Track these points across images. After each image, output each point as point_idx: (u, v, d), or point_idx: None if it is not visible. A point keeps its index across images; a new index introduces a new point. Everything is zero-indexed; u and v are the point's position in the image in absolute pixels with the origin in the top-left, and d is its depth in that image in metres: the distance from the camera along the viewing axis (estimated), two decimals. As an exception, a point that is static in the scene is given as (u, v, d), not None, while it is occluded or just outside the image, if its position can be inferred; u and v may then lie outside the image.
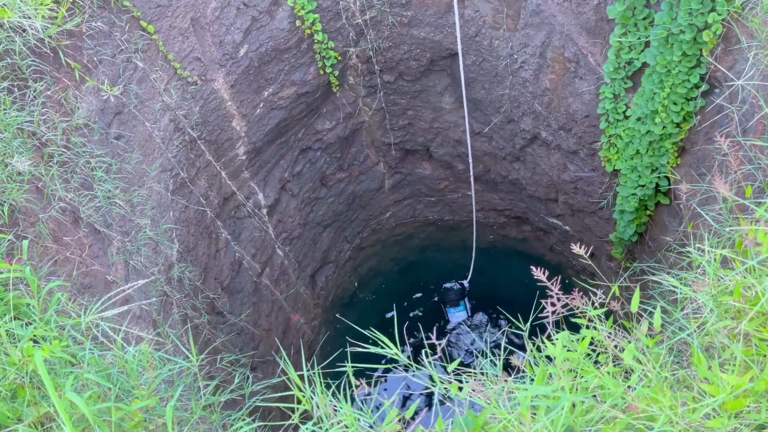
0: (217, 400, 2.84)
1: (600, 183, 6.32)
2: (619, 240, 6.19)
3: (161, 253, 4.86)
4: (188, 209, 5.50)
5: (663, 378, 1.99)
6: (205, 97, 5.49)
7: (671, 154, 5.07)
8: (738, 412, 1.86)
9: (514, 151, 7.07)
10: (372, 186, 8.35)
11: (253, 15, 5.50)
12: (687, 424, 1.82)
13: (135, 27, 4.66)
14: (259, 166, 6.63)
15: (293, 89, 6.27)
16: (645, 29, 4.82)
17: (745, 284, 2.08)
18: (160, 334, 4.27)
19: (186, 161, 5.45)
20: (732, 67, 4.07)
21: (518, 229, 8.87)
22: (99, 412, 2.23)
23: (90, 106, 4.21)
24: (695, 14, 4.18)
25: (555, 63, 5.74)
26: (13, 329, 2.38)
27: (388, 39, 6.33)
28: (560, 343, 2.00)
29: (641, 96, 5.03)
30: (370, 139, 7.76)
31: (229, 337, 5.94)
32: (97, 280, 3.87)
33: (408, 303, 9.35)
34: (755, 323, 2.02)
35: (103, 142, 4.35)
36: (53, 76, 3.96)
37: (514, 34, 5.79)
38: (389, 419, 2.03)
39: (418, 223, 9.39)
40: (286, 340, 7.61)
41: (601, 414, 1.86)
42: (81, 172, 3.99)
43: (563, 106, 5.94)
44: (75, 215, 3.89)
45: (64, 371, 2.40)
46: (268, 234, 7.07)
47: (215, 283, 6.00)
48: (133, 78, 4.70)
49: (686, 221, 4.39)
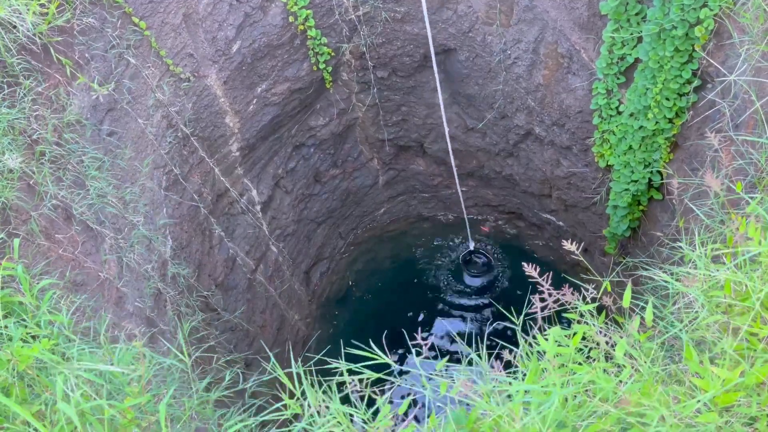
0: (210, 398, 2.84)
1: (593, 178, 6.33)
2: (613, 235, 6.21)
3: (154, 250, 4.85)
4: (181, 206, 5.48)
5: (654, 373, 1.99)
6: (198, 93, 5.47)
7: (664, 150, 5.08)
8: (729, 406, 1.87)
9: (507, 146, 7.07)
10: (366, 182, 8.34)
11: (246, 11, 5.48)
12: (678, 419, 1.83)
13: (127, 23, 4.63)
14: (252, 163, 6.61)
15: (286, 85, 6.25)
16: (637, 25, 4.82)
17: (736, 279, 2.09)
18: (153, 332, 4.26)
19: (179, 158, 5.43)
20: (724, 63, 4.08)
21: (512, 224, 8.88)
22: (91, 409, 2.22)
23: (81, 102, 4.19)
24: (687, 10, 4.18)
25: (548, 59, 5.74)
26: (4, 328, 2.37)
27: (381, 35, 6.31)
28: (552, 339, 2.01)
29: (634, 91, 5.04)
30: (364, 135, 7.75)
31: (224, 334, 5.93)
32: (89, 277, 3.86)
33: (402, 299, 9.35)
34: (746, 318, 2.03)
35: (95, 138, 4.33)
36: (44, 72, 3.94)
37: (507, 29, 5.79)
38: (382, 416, 2.03)
39: (412, 219, 9.39)
40: (280, 337, 7.60)
41: (592, 409, 1.87)
42: (73, 169, 3.97)
43: (556, 101, 5.94)
44: (67, 213, 3.87)
45: (55, 369, 2.39)
46: (262, 230, 7.06)
47: (209, 280, 5.99)
48: (125, 74, 4.67)
49: (678, 216, 4.41)
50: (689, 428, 1.81)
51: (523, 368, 2.08)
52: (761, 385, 1.90)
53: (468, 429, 2.00)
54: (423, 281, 9.40)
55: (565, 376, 1.95)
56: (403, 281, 9.43)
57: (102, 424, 2.19)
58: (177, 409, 2.85)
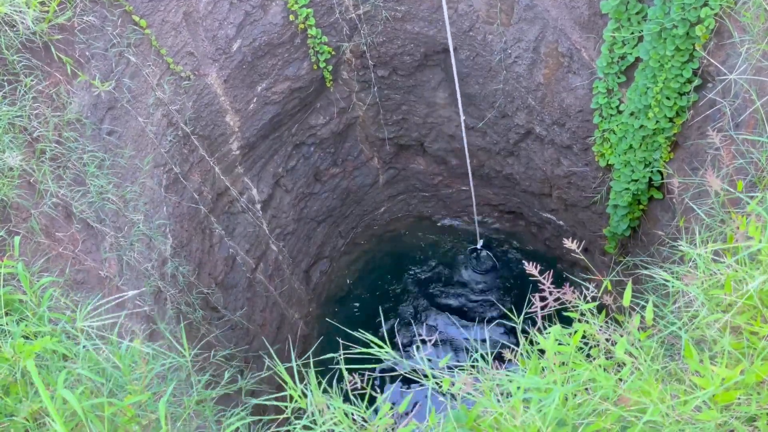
0: (210, 395, 2.84)
1: (593, 178, 6.33)
2: (613, 234, 6.21)
3: (155, 248, 4.85)
4: (182, 204, 5.48)
5: (654, 371, 2.00)
6: (198, 92, 5.47)
7: (664, 149, 5.08)
8: (728, 404, 1.87)
9: (507, 146, 7.07)
10: (366, 181, 8.34)
11: (246, 9, 5.48)
12: (678, 416, 1.83)
13: (127, 21, 4.63)
14: (252, 162, 6.61)
15: (287, 84, 6.25)
16: (638, 24, 4.82)
17: (736, 277, 2.09)
18: (153, 330, 4.26)
19: (179, 156, 5.43)
20: (725, 62, 4.08)
21: (512, 223, 8.88)
22: (92, 407, 2.22)
23: (82, 101, 4.19)
24: (688, 9, 4.18)
25: (548, 58, 5.74)
26: (4, 326, 2.37)
27: (381, 34, 6.31)
28: (552, 337, 2.01)
29: (634, 91, 5.04)
30: (364, 134, 7.75)
31: (223, 333, 5.93)
32: (90, 275, 3.86)
33: (402, 298, 9.36)
34: (746, 316, 2.03)
35: (96, 137, 4.32)
36: (44, 70, 3.94)
37: (507, 28, 5.79)
38: (382, 414, 2.03)
39: (413, 218, 9.39)
40: (280, 335, 7.61)
41: (593, 406, 1.87)
42: (73, 167, 3.97)
43: (557, 100, 5.94)
44: (67, 211, 3.87)
45: (57, 366, 2.39)
46: (262, 229, 7.06)
47: (209, 279, 5.99)
48: (125, 73, 4.67)
49: (679, 215, 4.41)
50: (689, 426, 1.81)
51: (522, 366, 2.08)
52: (761, 383, 1.91)
53: (468, 427, 2.00)
54: (423, 280, 9.40)
55: (566, 374, 1.95)
56: (402, 280, 9.43)
57: (102, 422, 2.20)
58: (177, 407, 2.85)
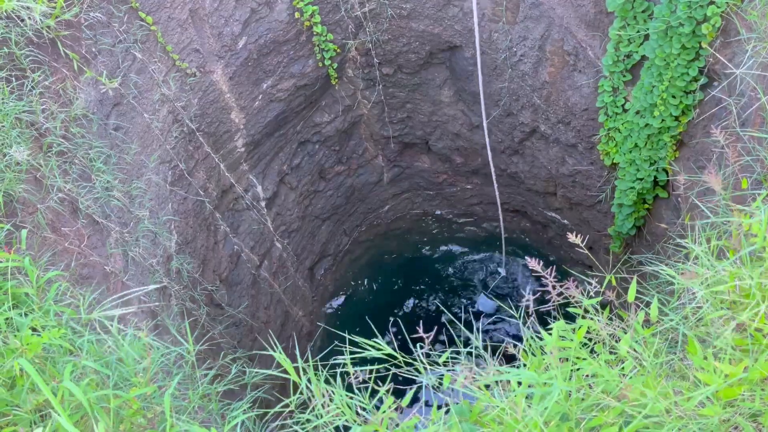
0: (215, 390, 2.86)
1: (598, 176, 6.32)
2: (618, 233, 6.19)
3: (160, 244, 4.87)
4: (187, 201, 5.50)
5: (658, 366, 2.00)
6: (203, 88, 5.49)
7: (670, 148, 5.07)
8: (732, 400, 1.87)
9: (512, 144, 7.06)
10: (371, 179, 8.35)
11: (252, 6, 5.49)
12: (681, 412, 1.83)
13: (134, 18, 4.65)
14: (257, 159, 6.63)
15: (292, 81, 6.26)
16: (644, 22, 4.81)
17: (740, 275, 2.09)
18: (158, 325, 4.28)
19: (184, 153, 5.45)
20: (731, 60, 4.07)
21: (517, 222, 8.87)
22: (97, 399, 2.24)
23: (88, 96, 4.21)
24: (694, 7, 4.17)
25: (554, 56, 5.74)
26: (12, 318, 2.39)
27: (387, 31, 6.31)
28: (555, 332, 2.01)
29: (640, 89, 5.03)
30: (369, 132, 7.75)
31: (228, 329, 5.95)
32: (95, 270, 3.88)
33: (406, 296, 9.37)
34: (750, 313, 2.03)
35: (102, 133, 4.35)
36: (51, 66, 3.96)
37: (513, 27, 5.78)
38: (385, 407, 2.04)
39: (417, 216, 9.39)
40: (284, 333, 7.63)
41: (596, 401, 1.88)
42: (79, 162, 3.99)
43: (562, 99, 5.93)
44: (73, 206, 3.89)
45: (62, 359, 2.41)
46: (267, 227, 7.08)
47: (214, 275, 6.01)
48: (131, 69, 4.69)
49: (684, 214, 4.40)
50: (693, 421, 1.82)
51: (525, 360, 2.08)
52: (765, 380, 1.90)
53: (471, 421, 2.01)
54: (427, 279, 9.41)
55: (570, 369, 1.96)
56: (407, 278, 9.44)
57: (108, 414, 2.21)
58: (182, 401, 2.87)
